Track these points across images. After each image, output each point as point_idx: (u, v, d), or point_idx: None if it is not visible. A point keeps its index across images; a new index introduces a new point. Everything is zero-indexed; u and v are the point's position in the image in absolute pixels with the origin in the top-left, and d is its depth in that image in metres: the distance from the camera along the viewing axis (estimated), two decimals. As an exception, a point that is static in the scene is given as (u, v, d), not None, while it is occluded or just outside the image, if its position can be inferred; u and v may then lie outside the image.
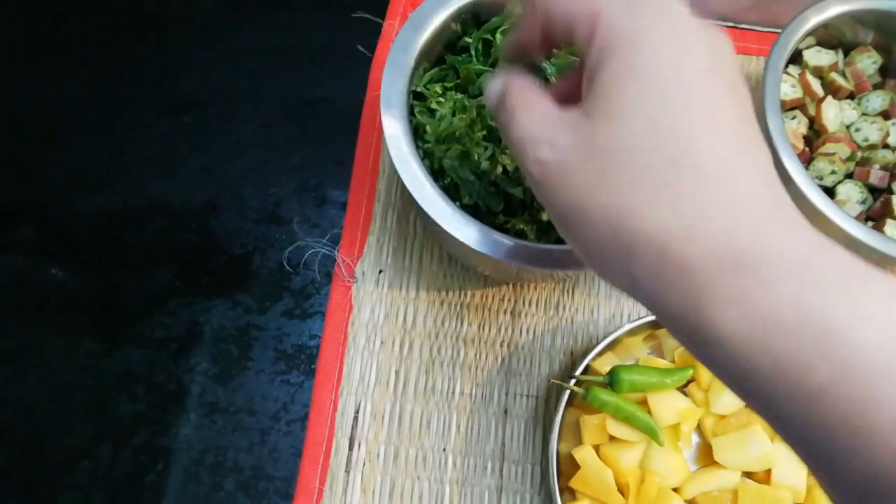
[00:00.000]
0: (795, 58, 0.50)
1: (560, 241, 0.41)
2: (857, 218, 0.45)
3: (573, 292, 0.49)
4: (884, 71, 0.51)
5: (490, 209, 0.41)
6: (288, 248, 0.49)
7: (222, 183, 0.51)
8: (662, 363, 0.43)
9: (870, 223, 0.46)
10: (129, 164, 0.51)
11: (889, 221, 0.44)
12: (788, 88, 0.49)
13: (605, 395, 0.40)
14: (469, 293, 0.48)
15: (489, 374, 0.46)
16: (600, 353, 0.42)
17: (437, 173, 0.42)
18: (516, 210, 0.42)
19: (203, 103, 0.54)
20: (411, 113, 0.43)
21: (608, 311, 0.48)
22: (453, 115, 0.43)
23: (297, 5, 0.57)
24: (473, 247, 0.38)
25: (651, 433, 0.40)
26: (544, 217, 0.40)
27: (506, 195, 0.41)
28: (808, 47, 0.50)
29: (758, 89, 0.45)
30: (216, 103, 0.54)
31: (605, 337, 0.42)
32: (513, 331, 0.47)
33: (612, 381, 0.41)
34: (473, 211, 0.41)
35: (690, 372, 0.42)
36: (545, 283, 0.49)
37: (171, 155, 0.52)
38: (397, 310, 0.47)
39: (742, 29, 0.59)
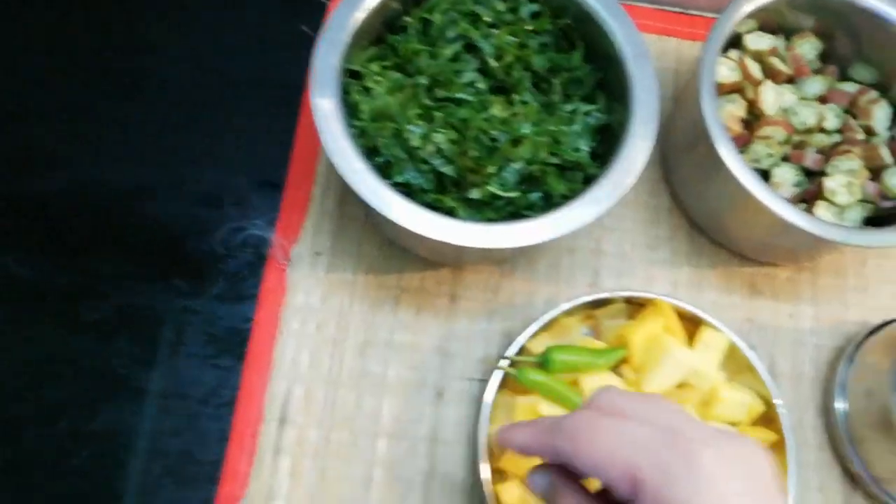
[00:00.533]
0: (738, 42, 0.50)
1: (490, 220, 0.40)
2: (792, 200, 0.45)
3: (512, 275, 0.48)
4: (824, 57, 0.51)
5: (422, 188, 0.41)
6: (224, 230, 0.48)
7: (162, 164, 0.50)
8: (598, 344, 0.43)
9: (804, 205, 0.46)
10: (68, 147, 0.50)
11: (820, 203, 0.44)
12: (728, 72, 0.49)
13: (536, 376, 0.40)
14: (407, 276, 0.47)
15: (425, 357, 0.45)
16: (535, 334, 0.42)
17: (371, 151, 0.41)
18: (448, 189, 0.41)
19: (147, 85, 0.52)
20: (346, 91, 0.42)
21: (548, 293, 0.48)
22: (389, 93, 0.43)
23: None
24: (401, 224, 0.37)
25: (583, 414, 0.40)
26: (474, 195, 0.40)
27: (437, 174, 0.41)
28: (748, 31, 0.50)
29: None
30: (160, 85, 0.52)
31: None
32: (450, 313, 0.47)
33: (544, 361, 0.40)
34: (405, 190, 0.40)
35: (622, 353, 0.42)
36: (484, 266, 0.48)
37: (112, 136, 0.51)
38: (333, 293, 0.46)
39: (691, 15, 0.59)
